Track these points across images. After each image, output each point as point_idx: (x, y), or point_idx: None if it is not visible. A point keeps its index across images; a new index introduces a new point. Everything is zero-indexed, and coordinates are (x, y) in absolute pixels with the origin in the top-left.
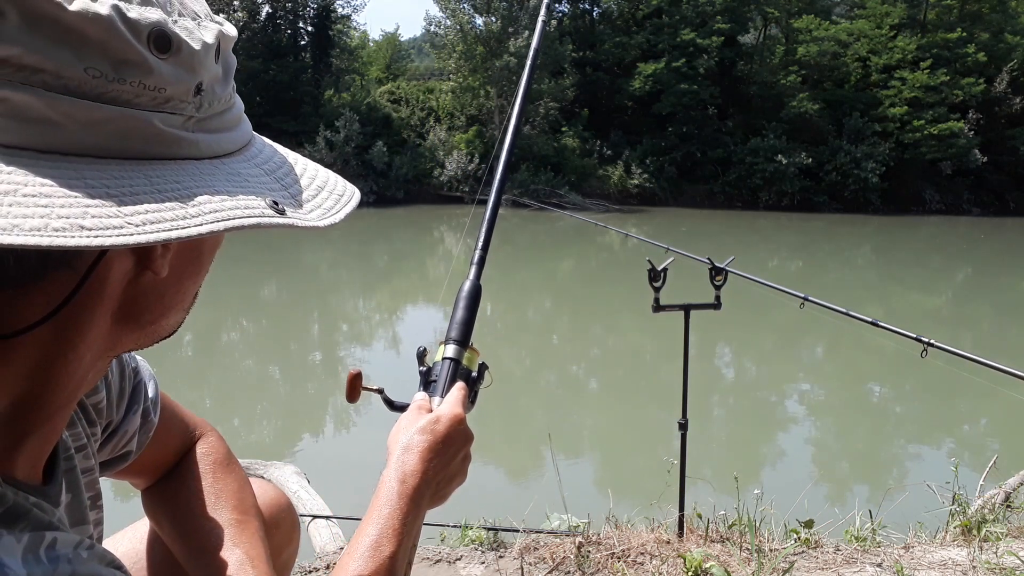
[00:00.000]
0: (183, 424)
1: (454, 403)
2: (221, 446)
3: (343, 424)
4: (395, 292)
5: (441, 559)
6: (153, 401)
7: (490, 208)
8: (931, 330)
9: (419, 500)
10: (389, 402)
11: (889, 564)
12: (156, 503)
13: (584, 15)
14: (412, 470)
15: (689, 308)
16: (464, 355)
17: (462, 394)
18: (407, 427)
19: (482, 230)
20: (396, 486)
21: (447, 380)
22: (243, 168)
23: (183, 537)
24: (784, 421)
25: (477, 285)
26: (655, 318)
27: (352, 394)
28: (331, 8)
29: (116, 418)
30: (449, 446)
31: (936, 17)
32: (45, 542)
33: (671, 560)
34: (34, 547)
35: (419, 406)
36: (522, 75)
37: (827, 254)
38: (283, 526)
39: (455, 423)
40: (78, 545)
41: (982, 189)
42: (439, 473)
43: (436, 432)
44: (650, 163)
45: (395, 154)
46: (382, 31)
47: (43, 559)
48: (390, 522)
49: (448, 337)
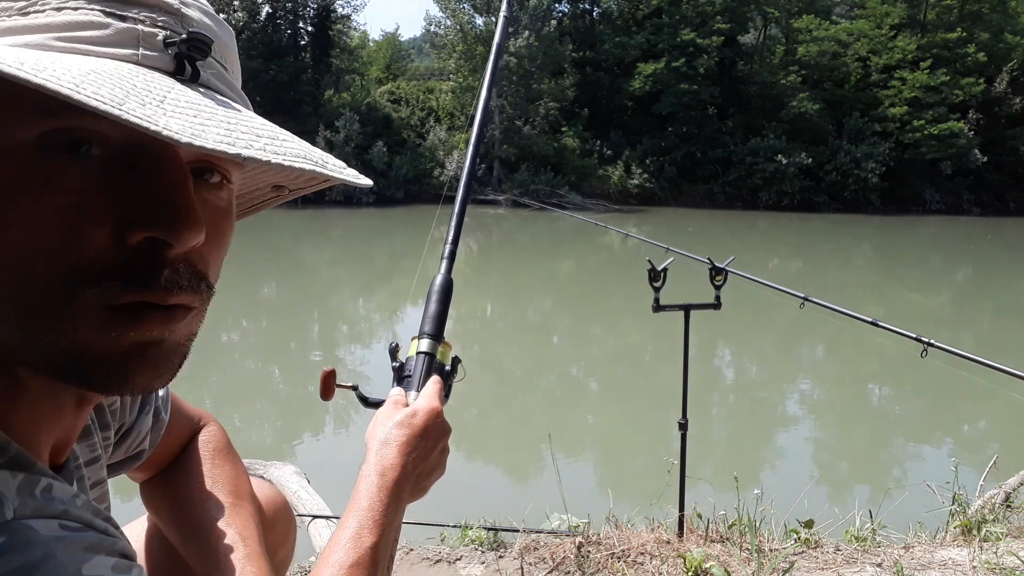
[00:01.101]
0: (188, 418)
1: (430, 397)
2: (221, 435)
3: (343, 424)
4: (395, 292)
5: (441, 559)
6: (164, 400)
7: (459, 202)
8: (931, 330)
9: (399, 493)
10: (363, 398)
11: (889, 564)
12: (155, 490)
13: (584, 15)
14: (391, 464)
15: (689, 308)
16: (438, 349)
17: (438, 387)
18: (384, 422)
19: (451, 224)
20: (376, 479)
21: (422, 374)
22: None
23: (179, 520)
24: (784, 421)
25: (448, 279)
26: (655, 318)
27: (326, 392)
28: (331, 8)
29: (129, 420)
30: (427, 439)
31: (936, 17)
32: (40, 484)
33: (671, 560)
34: (29, 485)
35: (395, 401)
36: (486, 68)
37: (827, 254)
38: (279, 525)
39: (432, 416)
40: (75, 496)
41: (982, 189)
42: (418, 466)
43: (414, 426)
44: (650, 163)
45: (395, 154)
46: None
47: (37, 496)
48: (370, 514)
49: (422, 332)
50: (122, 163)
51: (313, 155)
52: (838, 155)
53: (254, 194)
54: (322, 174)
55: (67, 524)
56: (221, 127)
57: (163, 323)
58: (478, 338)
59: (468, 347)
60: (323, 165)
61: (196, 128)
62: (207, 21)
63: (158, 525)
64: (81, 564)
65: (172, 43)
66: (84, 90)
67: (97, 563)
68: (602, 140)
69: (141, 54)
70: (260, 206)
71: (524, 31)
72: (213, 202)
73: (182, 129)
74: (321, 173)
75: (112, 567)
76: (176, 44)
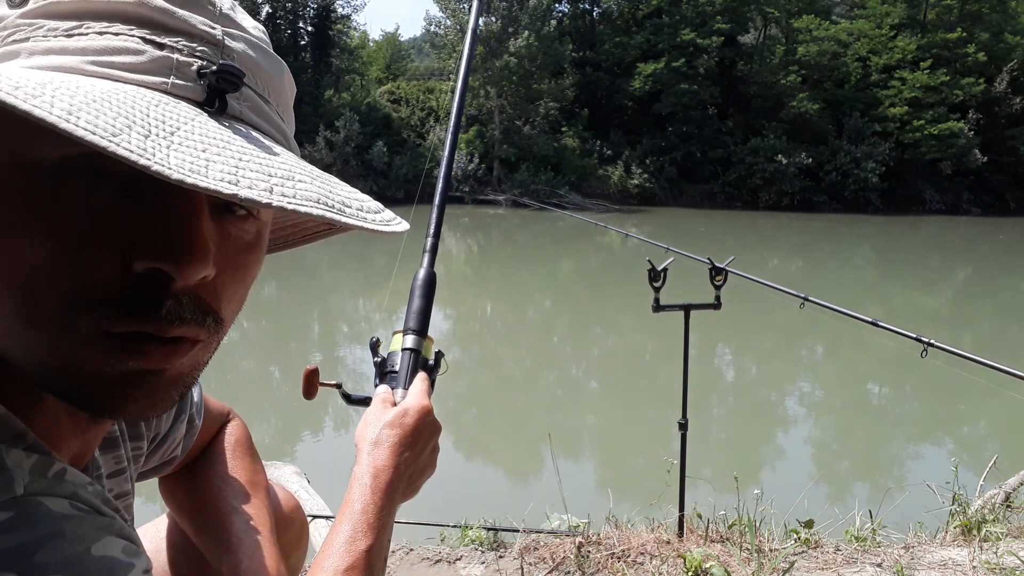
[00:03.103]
0: (215, 416)
1: (420, 395)
2: (243, 431)
3: (343, 424)
4: (395, 292)
5: (441, 559)
6: (198, 407)
7: (439, 193)
8: (931, 330)
9: (392, 494)
10: (347, 396)
11: (889, 564)
12: (174, 481)
13: (584, 15)
14: (384, 465)
15: (689, 308)
16: (423, 345)
17: (426, 385)
18: (375, 422)
19: (432, 217)
20: (369, 481)
21: (408, 371)
22: None
23: (195, 508)
24: (784, 421)
25: (431, 273)
26: (655, 318)
27: (309, 390)
28: (331, 8)
29: (164, 429)
30: (419, 439)
31: (936, 17)
32: (54, 468)
33: (671, 560)
34: (42, 467)
35: (383, 399)
36: (462, 51)
37: (827, 254)
38: (293, 528)
39: (423, 415)
40: (88, 483)
41: (982, 189)
42: (410, 466)
43: (405, 425)
44: (650, 163)
45: (395, 154)
46: (382, 31)
47: (49, 477)
48: (364, 517)
49: (407, 327)
50: (135, 192)
51: (332, 198)
52: (838, 155)
53: (306, 224)
54: (336, 221)
55: (78, 505)
56: (229, 163)
57: (164, 355)
58: (478, 338)
59: (468, 347)
60: (340, 211)
61: (198, 164)
62: (250, 53)
63: (174, 516)
64: (91, 543)
65: (204, 74)
66: (78, 119)
67: (107, 543)
68: (602, 140)
69: (171, 83)
70: (313, 237)
71: (524, 31)
72: (236, 235)
73: (180, 164)
74: (334, 220)
75: (123, 549)
76: (207, 75)
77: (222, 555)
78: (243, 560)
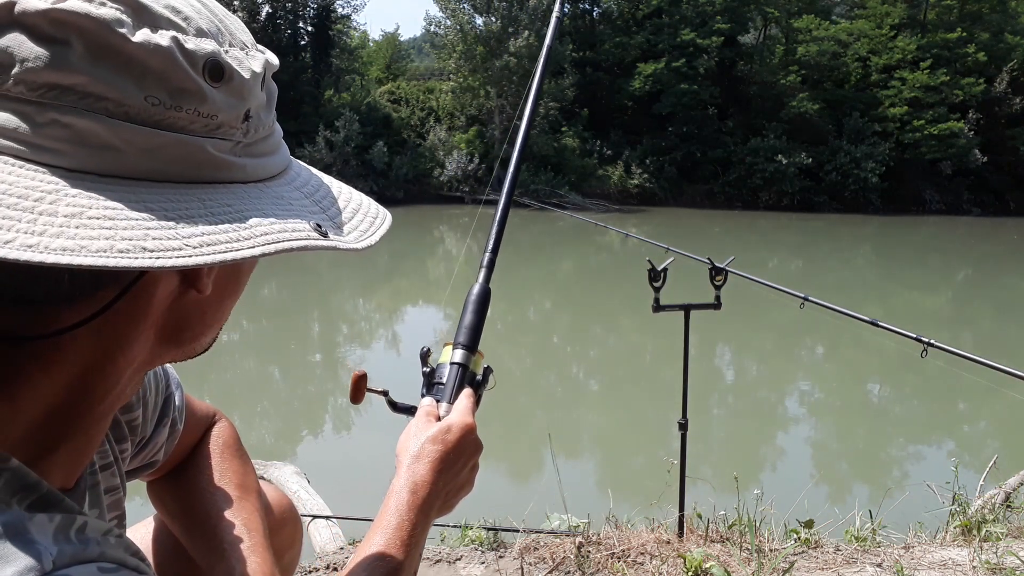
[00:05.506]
0: (199, 419)
1: (464, 412)
2: (231, 433)
3: (343, 424)
4: (395, 292)
5: (441, 559)
6: (180, 410)
7: (500, 209)
8: (931, 330)
9: (428, 511)
10: (393, 404)
11: (889, 564)
12: (163, 485)
13: (584, 15)
14: (423, 480)
15: (689, 308)
16: (471, 360)
17: (471, 402)
18: (417, 435)
19: (492, 232)
20: (407, 496)
21: (455, 386)
22: (286, 192)
23: (185, 512)
24: (784, 421)
25: (486, 289)
26: (655, 318)
27: (356, 395)
28: (331, 8)
29: (147, 433)
30: (460, 456)
31: (936, 17)
32: (76, 524)
33: (671, 560)
34: (65, 528)
35: (427, 412)
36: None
37: (827, 254)
38: (286, 528)
39: (466, 433)
40: (107, 532)
41: (982, 189)
42: (449, 484)
43: (447, 442)
44: (650, 163)
45: (395, 154)
46: (382, 31)
47: (73, 539)
48: (399, 533)
49: (456, 341)
50: None
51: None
52: (838, 155)
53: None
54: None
55: (104, 567)
56: None
57: None
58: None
59: None
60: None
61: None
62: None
63: (164, 521)
64: None
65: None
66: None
67: None
68: (602, 140)
69: None
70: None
71: (524, 31)
72: None
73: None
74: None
75: None
76: None
77: (214, 562)
78: (235, 566)
